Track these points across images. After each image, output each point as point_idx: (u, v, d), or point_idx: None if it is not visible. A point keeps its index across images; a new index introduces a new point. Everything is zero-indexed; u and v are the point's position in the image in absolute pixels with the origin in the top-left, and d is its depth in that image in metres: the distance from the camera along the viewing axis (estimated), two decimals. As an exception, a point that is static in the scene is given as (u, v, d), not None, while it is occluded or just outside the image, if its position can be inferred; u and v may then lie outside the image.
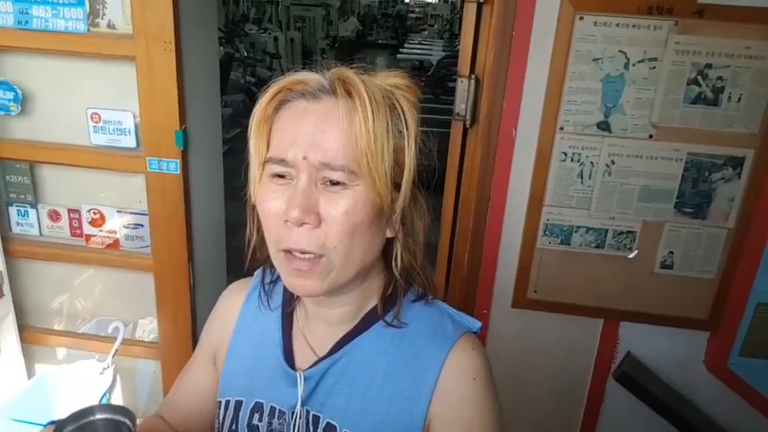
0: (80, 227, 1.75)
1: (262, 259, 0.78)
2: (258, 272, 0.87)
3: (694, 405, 1.64)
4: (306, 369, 0.75)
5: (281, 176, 0.66)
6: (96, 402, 0.63)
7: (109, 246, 1.77)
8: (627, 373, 1.61)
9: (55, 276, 1.87)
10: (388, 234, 0.71)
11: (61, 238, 1.78)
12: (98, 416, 0.62)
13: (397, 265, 0.73)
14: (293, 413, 0.74)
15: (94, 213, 1.73)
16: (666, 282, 1.54)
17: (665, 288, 1.55)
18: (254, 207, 0.72)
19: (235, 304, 0.86)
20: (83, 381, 1.79)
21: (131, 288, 1.87)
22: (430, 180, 0.76)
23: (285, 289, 0.82)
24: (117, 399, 1.95)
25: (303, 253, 0.66)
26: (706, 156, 1.43)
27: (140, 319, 1.93)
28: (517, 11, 1.37)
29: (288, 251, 0.67)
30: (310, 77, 0.68)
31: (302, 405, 0.74)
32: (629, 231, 1.51)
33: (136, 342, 1.90)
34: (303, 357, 0.77)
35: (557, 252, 1.55)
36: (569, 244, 1.54)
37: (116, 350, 1.79)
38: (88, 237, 1.76)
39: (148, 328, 1.94)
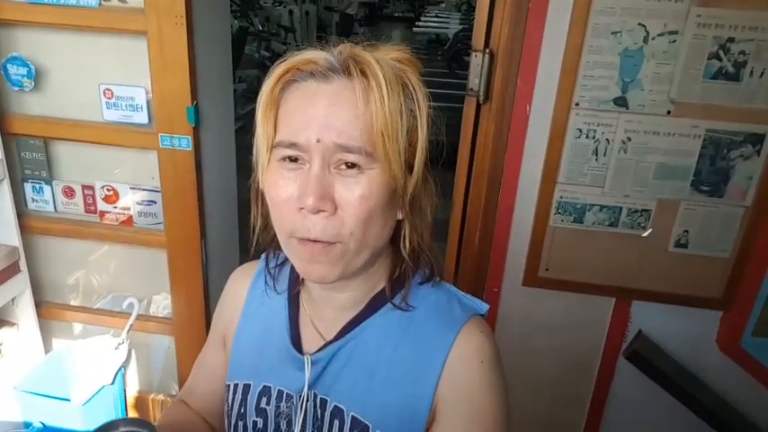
0: (94, 203, 1.76)
1: (266, 242, 0.77)
2: (264, 255, 0.86)
3: (705, 384, 1.64)
4: (313, 353, 0.74)
5: (292, 160, 0.65)
6: (119, 418, 0.65)
7: (123, 222, 1.78)
8: (638, 351, 1.61)
9: (70, 252, 1.89)
10: (399, 216, 0.70)
11: (76, 214, 1.79)
12: (122, 429, 0.64)
13: (405, 247, 0.72)
14: (300, 396, 0.74)
15: (108, 190, 1.74)
16: (680, 261, 1.52)
17: (679, 267, 1.53)
18: (258, 191, 0.71)
19: (242, 288, 0.85)
20: (98, 355, 1.82)
21: (146, 264, 1.88)
22: (438, 156, 0.74)
23: (291, 271, 0.81)
24: (132, 373, 1.98)
25: (317, 240, 0.64)
26: (725, 132, 1.39)
27: (155, 295, 1.95)
28: (533, -17, 1.34)
29: (301, 239, 0.65)
30: (319, 57, 0.65)
31: (309, 388, 0.73)
32: (643, 210, 1.49)
33: (150, 318, 1.93)
34: (310, 341, 0.77)
35: (569, 230, 1.54)
36: (582, 222, 1.52)
37: (131, 326, 1.82)
38: (102, 213, 1.78)
39: (162, 304, 1.96)
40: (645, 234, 1.51)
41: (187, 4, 1.48)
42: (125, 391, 1.90)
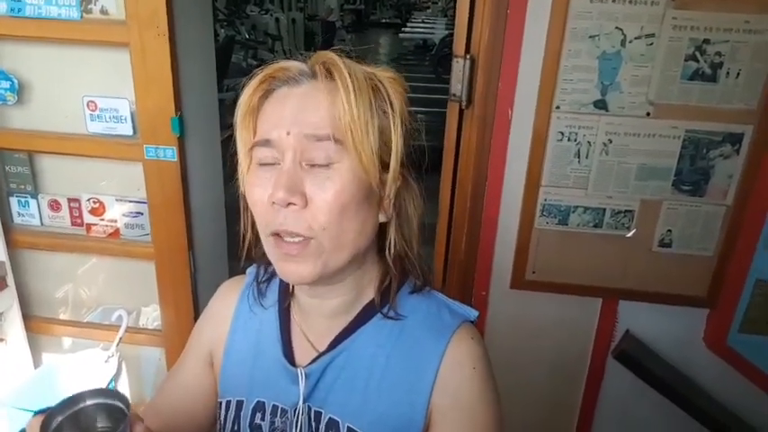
0: (80, 216, 1.76)
1: (258, 256, 0.77)
2: (251, 269, 0.86)
3: (694, 382, 1.65)
4: (306, 365, 0.74)
5: (269, 164, 0.66)
6: (87, 390, 0.62)
7: (110, 234, 1.78)
8: (626, 351, 1.62)
9: (58, 266, 1.89)
10: (381, 219, 0.71)
11: (62, 227, 1.79)
12: (89, 402, 0.60)
13: (390, 252, 0.72)
14: (295, 410, 0.74)
15: (94, 202, 1.74)
16: (665, 260, 1.54)
17: (664, 266, 1.54)
18: (244, 203, 0.72)
19: (228, 304, 0.85)
20: (88, 369, 1.81)
21: (134, 276, 1.88)
22: (421, 160, 0.75)
23: (280, 285, 0.81)
24: (123, 386, 1.97)
25: (291, 236, 0.65)
26: (704, 133, 1.41)
27: (144, 306, 1.94)
28: (512, -12, 1.36)
29: (276, 234, 0.66)
30: (291, 64, 0.68)
31: (304, 402, 0.73)
32: (627, 210, 1.51)
33: (140, 330, 1.92)
34: (302, 353, 0.76)
35: (554, 232, 1.55)
36: (567, 224, 1.53)
37: (120, 338, 1.81)
38: (89, 226, 1.77)
39: (152, 316, 1.96)
40: (629, 234, 1.52)
41: (169, 16, 1.49)
42: (115, 403, 1.88)
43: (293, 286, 0.79)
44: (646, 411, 1.69)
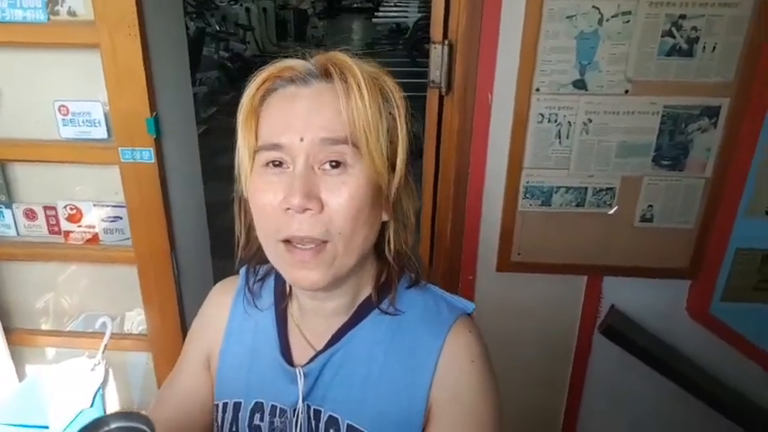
0: (57, 224, 1.72)
1: (248, 257, 0.76)
2: (243, 271, 0.85)
3: (679, 352, 1.69)
4: (304, 364, 0.74)
5: (275, 165, 0.65)
6: (110, 413, 0.60)
7: (88, 241, 1.74)
8: (612, 326, 1.65)
9: (37, 276, 1.84)
10: (384, 218, 0.70)
11: (39, 236, 1.74)
12: (113, 425, 0.60)
13: (390, 250, 0.72)
14: (294, 410, 0.74)
15: (71, 209, 1.70)
16: (647, 234, 1.56)
17: (646, 240, 1.57)
18: (241, 203, 0.71)
19: (223, 306, 0.84)
20: (75, 379, 1.78)
21: (115, 282, 1.84)
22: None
23: (276, 285, 0.81)
24: (111, 393, 1.94)
25: (305, 242, 0.64)
26: (682, 107, 1.43)
27: (127, 311, 1.91)
28: (487, -29, 1.35)
29: (288, 241, 0.65)
30: (298, 63, 0.67)
31: (303, 401, 0.73)
32: (608, 188, 1.52)
33: (125, 335, 1.89)
34: (300, 352, 0.76)
35: (538, 214, 1.56)
36: (550, 205, 1.55)
37: (105, 345, 1.78)
38: (67, 233, 1.73)
39: (136, 321, 1.93)
40: (611, 212, 1.54)
41: (139, 14, 1.45)
42: (105, 412, 1.86)
43: (291, 287, 0.78)
44: (634, 384, 1.73)
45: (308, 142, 0.62)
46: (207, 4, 7.89)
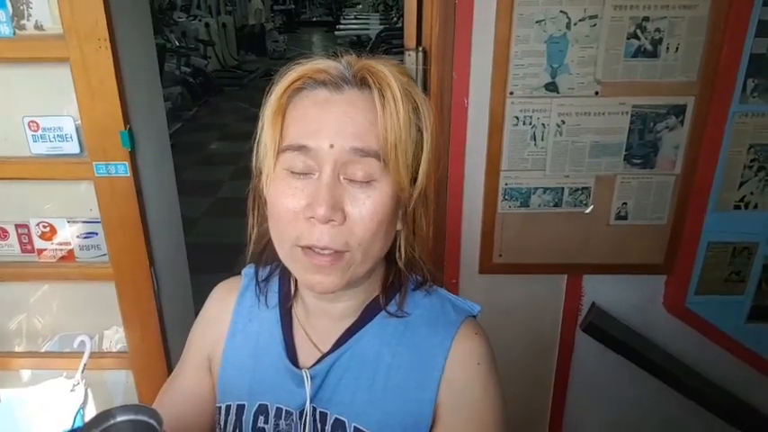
0: (30, 242, 1.67)
1: (255, 254, 0.76)
2: (246, 270, 0.84)
3: (658, 346, 1.73)
4: (310, 366, 0.73)
5: (299, 168, 0.63)
6: (116, 406, 0.58)
7: (63, 258, 1.70)
8: (593, 323, 1.68)
9: (9, 297, 1.79)
10: (398, 227, 0.70)
11: (11, 255, 1.69)
12: (119, 418, 0.58)
13: (401, 257, 0.72)
14: (301, 412, 0.73)
15: (44, 226, 1.66)
16: (622, 232, 1.60)
17: (622, 238, 1.61)
18: (256, 199, 0.70)
19: (226, 306, 0.83)
20: (53, 400, 1.73)
21: (92, 299, 1.80)
22: None
23: (281, 286, 0.80)
24: (91, 413, 1.89)
25: (325, 249, 0.64)
26: (650, 107, 1.48)
27: (105, 330, 1.87)
28: (459, -21, 1.38)
29: (308, 247, 0.65)
30: (331, 66, 0.65)
31: (310, 403, 0.73)
32: (583, 188, 1.56)
33: (104, 354, 1.85)
34: (306, 354, 0.76)
35: (517, 215, 1.58)
36: (528, 206, 1.57)
37: (85, 365, 1.74)
38: (40, 251, 1.69)
39: (114, 338, 1.89)
40: (587, 210, 1.58)
41: (109, 26, 1.43)
42: (85, 433, 1.81)
43: (296, 287, 0.78)
44: (617, 378, 1.76)
45: (338, 149, 0.62)
46: (165, 19, 7.83)
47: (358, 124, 0.62)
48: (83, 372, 1.73)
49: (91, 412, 1.88)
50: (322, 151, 0.62)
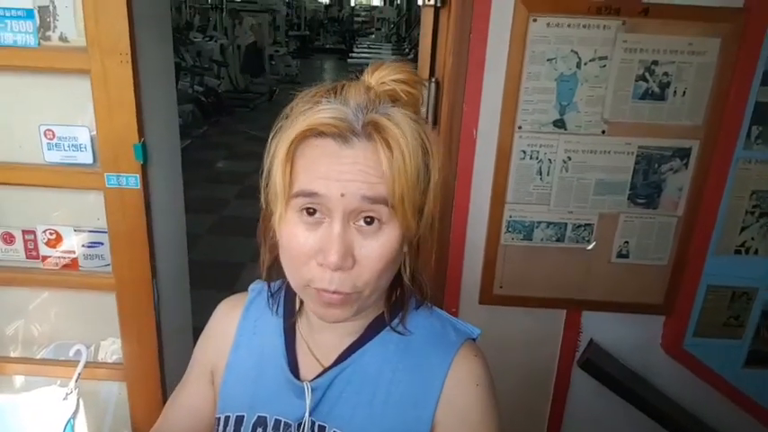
0: (36, 248, 1.69)
1: (266, 273, 0.77)
2: (254, 286, 0.86)
3: (654, 386, 1.72)
4: (312, 379, 0.75)
5: (310, 213, 0.64)
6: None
7: (66, 266, 1.71)
8: (591, 360, 1.68)
9: (9, 301, 1.79)
10: (404, 249, 0.71)
11: (16, 261, 1.71)
12: None
13: (407, 274, 0.73)
14: (300, 425, 0.74)
15: (50, 234, 1.67)
16: (623, 270, 1.61)
17: (623, 276, 1.62)
18: (266, 229, 0.71)
19: (231, 320, 0.85)
20: (45, 408, 1.72)
21: (91, 309, 1.81)
22: None
23: (286, 301, 0.82)
24: (81, 423, 1.88)
25: (335, 292, 0.65)
26: (655, 148, 1.50)
27: (102, 340, 1.87)
28: (474, 14, 1.41)
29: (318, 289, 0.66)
30: (338, 120, 0.63)
31: (309, 416, 0.73)
32: (586, 224, 1.57)
33: (99, 364, 1.84)
34: (307, 367, 0.77)
35: (520, 248, 1.60)
36: (531, 239, 1.59)
37: (79, 374, 1.73)
38: (44, 258, 1.70)
39: (110, 350, 1.88)
40: (589, 247, 1.59)
41: (132, 42, 1.47)
42: (75, 443, 1.80)
43: (302, 303, 0.79)
44: (612, 417, 1.75)
45: (349, 198, 0.62)
46: (181, 39, 7.98)
47: (368, 174, 0.63)
48: (77, 381, 1.73)
49: (82, 423, 1.87)
50: (333, 199, 0.63)
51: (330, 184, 0.63)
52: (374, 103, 0.66)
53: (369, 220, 0.64)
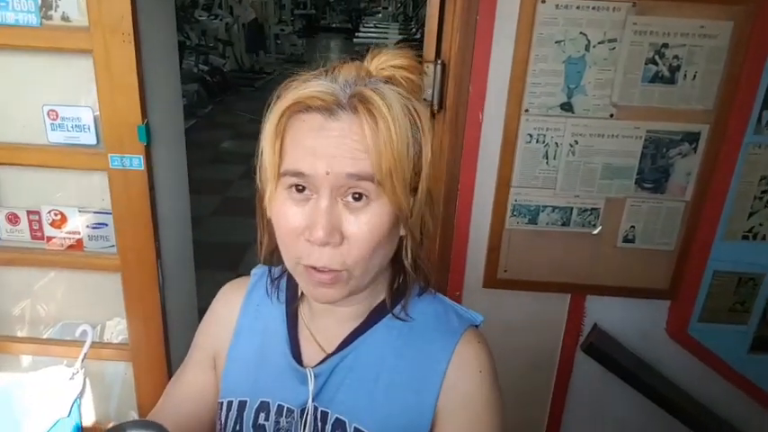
0: (41, 229, 1.69)
1: (266, 256, 0.77)
2: (256, 270, 0.86)
3: (658, 371, 1.72)
4: (315, 366, 0.75)
5: (299, 190, 0.65)
6: (126, 421, 0.60)
7: (71, 247, 1.72)
8: (594, 344, 1.68)
9: (16, 281, 1.80)
10: (402, 232, 0.71)
11: (21, 241, 1.71)
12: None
13: (408, 258, 0.73)
14: (303, 410, 0.74)
15: (55, 214, 1.68)
16: (629, 255, 1.60)
17: (628, 261, 1.61)
18: (263, 210, 0.71)
19: (233, 305, 0.84)
20: (52, 387, 1.74)
21: (97, 289, 1.82)
22: None
23: (288, 287, 0.81)
24: (87, 403, 1.90)
25: (324, 268, 0.65)
26: (664, 132, 1.48)
27: (108, 320, 1.88)
28: (481, -5, 1.39)
29: (309, 266, 0.66)
30: (326, 94, 0.63)
31: (312, 401, 0.73)
32: (593, 208, 1.56)
33: (105, 345, 1.86)
34: (310, 354, 0.77)
35: (525, 232, 1.59)
36: (536, 223, 1.58)
37: (85, 354, 1.75)
38: (49, 239, 1.71)
39: (116, 330, 1.90)
40: (595, 231, 1.58)
41: (134, 21, 1.45)
42: (81, 421, 1.82)
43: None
44: (614, 401, 1.75)
45: (334, 175, 0.62)
46: (186, 17, 7.91)
47: (352, 150, 0.62)
48: (83, 361, 1.75)
49: (88, 402, 1.89)
50: (319, 177, 0.63)
51: (316, 162, 0.62)
52: (364, 79, 0.66)
53: (357, 196, 0.64)
